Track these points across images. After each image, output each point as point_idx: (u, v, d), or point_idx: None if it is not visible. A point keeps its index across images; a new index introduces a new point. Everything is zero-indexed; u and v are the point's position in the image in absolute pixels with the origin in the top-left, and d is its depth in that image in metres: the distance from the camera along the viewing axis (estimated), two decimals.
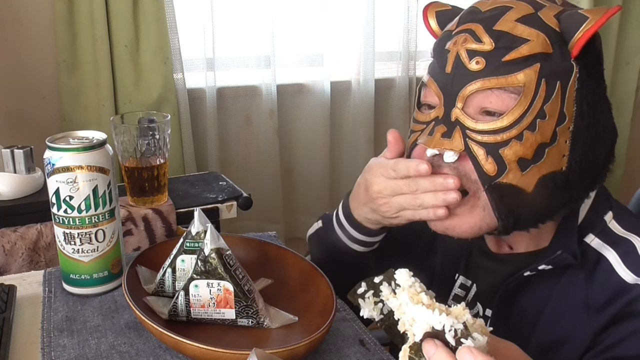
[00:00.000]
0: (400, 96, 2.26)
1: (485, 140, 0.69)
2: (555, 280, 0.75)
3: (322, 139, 2.18)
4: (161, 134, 1.15)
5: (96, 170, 0.77)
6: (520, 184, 0.69)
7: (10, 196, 1.28)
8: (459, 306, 0.51)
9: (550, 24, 0.69)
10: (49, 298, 0.83)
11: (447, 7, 0.80)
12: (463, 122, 0.70)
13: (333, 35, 2.12)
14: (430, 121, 0.74)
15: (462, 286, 0.87)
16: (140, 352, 0.71)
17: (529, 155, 0.69)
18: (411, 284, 0.55)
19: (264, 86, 2.06)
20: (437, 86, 0.73)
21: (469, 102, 0.70)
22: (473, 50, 0.69)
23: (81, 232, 0.79)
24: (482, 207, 0.71)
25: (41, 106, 1.84)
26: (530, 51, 0.68)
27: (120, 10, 1.75)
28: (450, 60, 0.71)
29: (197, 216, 0.77)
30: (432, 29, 0.79)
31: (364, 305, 0.57)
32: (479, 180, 0.70)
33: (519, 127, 0.68)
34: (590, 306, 0.72)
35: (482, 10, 0.72)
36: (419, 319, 0.51)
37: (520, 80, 0.68)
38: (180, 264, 0.77)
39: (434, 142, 0.71)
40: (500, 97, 0.69)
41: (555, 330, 0.74)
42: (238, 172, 2.10)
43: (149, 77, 1.83)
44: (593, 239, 0.75)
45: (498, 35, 0.69)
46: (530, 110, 0.68)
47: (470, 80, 0.69)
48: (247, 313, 0.72)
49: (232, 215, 1.42)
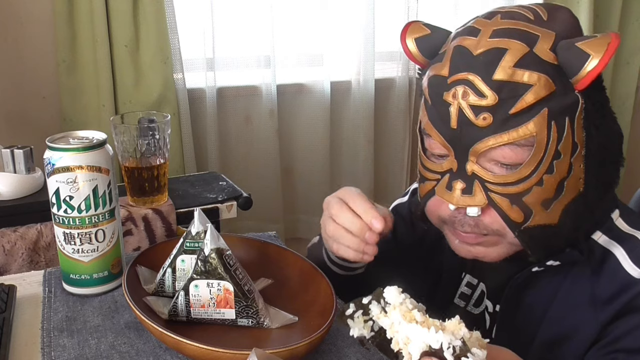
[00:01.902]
0: (400, 96, 2.26)
1: (507, 191, 0.69)
2: (562, 276, 0.76)
3: (322, 139, 2.18)
4: (161, 134, 1.15)
5: (96, 170, 0.77)
6: (546, 221, 0.70)
7: (10, 196, 1.28)
8: (454, 320, 0.51)
9: (548, 60, 0.66)
10: (49, 298, 0.83)
11: (427, 32, 0.76)
12: (481, 176, 0.69)
13: (333, 35, 2.12)
14: (443, 172, 0.73)
15: (468, 284, 0.87)
16: (140, 352, 0.71)
17: (551, 195, 0.69)
18: (402, 301, 0.54)
19: (264, 86, 2.06)
20: (443, 139, 0.71)
21: (482, 156, 0.69)
22: (477, 105, 0.67)
23: (81, 232, 0.79)
24: (508, 242, 0.73)
25: (41, 106, 1.84)
26: (535, 98, 0.66)
27: (120, 10, 1.75)
28: (453, 115, 0.68)
29: (197, 216, 0.77)
30: (412, 53, 0.77)
31: (353, 325, 0.56)
32: (505, 229, 0.71)
33: (537, 174, 0.68)
34: (596, 300, 0.72)
35: (473, 54, 0.68)
36: (415, 338, 0.50)
37: (532, 130, 0.66)
38: (180, 264, 0.77)
39: (455, 199, 0.70)
40: (514, 151, 0.68)
41: (562, 324, 0.75)
42: (238, 172, 2.10)
43: (149, 77, 1.83)
44: (600, 236, 0.75)
45: (499, 86, 0.66)
46: (545, 156, 0.67)
47: (481, 137, 0.68)
48: (247, 313, 0.72)
49: (232, 215, 1.42)
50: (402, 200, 1.01)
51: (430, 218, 0.79)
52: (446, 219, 0.75)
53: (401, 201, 1.01)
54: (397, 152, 2.32)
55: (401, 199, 1.02)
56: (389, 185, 2.36)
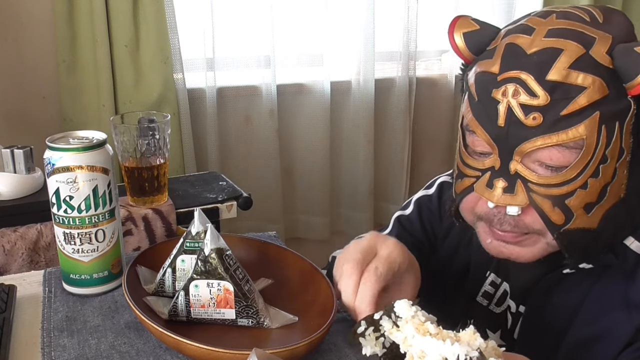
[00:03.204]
0: (400, 96, 2.26)
1: (550, 193, 0.68)
2: (594, 279, 0.75)
3: (322, 139, 2.18)
4: (161, 134, 1.15)
5: (96, 170, 0.77)
6: (586, 225, 0.69)
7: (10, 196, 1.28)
8: (469, 331, 0.50)
9: (603, 63, 0.66)
10: (49, 298, 0.83)
11: (476, 27, 0.75)
12: (524, 176, 0.69)
13: (333, 35, 2.12)
14: (485, 169, 0.72)
15: (492, 283, 0.87)
16: (140, 352, 0.71)
17: (594, 199, 0.68)
18: (413, 314, 0.53)
19: (264, 86, 2.06)
20: (489, 137, 0.70)
21: (527, 156, 0.68)
22: (528, 105, 0.66)
23: (81, 232, 0.79)
24: (546, 242, 0.72)
25: (41, 106, 1.84)
26: (588, 101, 0.65)
27: (120, 10, 1.75)
28: (502, 112, 0.68)
29: (197, 216, 0.77)
30: (459, 48, 0.75)
31: (365, 343, 0.55)
32: (546, 229, 0.70)
33: (583, 177, 0.67)
34: (631, 303, 0.72)
35: (527, 53, 0.67)
36: (430, 351, 0.49)
37: (582, 133, 0.65)
38: (180, 264, 0.77)
39: (496, 198, 0.70)
40: (562, 153, 0.67)
41: (595, 326, 0.74)
42: (238, 172, 2.10)
43: (149, 77, 1.83)
44: (633, 241, 0.75)
45: (552, 87, 0.65)
46: (593, 159, 0.67)
47: (529, 137, 0.67)
48: (247, 313, 0.72)
49: (232, 215, 1.42)
50: (428, 192, 1.00)
51: (465, 215, 0.78)
52: (483, 215, 0.74)
53: (427, 193, 1.00)
54: (397, 152, 2.32)
55: (426, 190, 1.01)
56: (389, 185, 2.36)
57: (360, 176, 2.25)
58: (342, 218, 2.32)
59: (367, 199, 2.28)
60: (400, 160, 2.33)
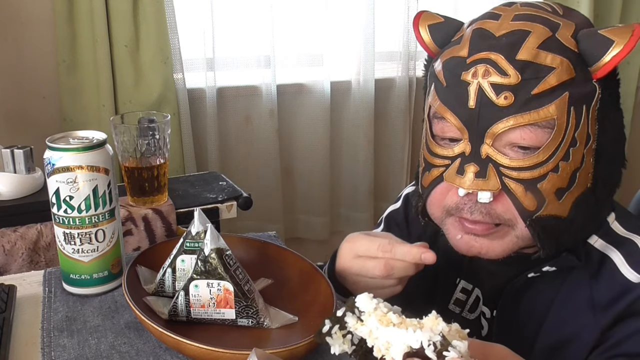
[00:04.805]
0: (400, 96, 2.26)
1: (522, 177, 0.68)
2: (560, 282, 0.75)
3: (322, 139, 2.18)
4: (161, 134, 1.15)
5: (96, 170, 0.77)
6: (558, 212, 0.69)
7: (10, 196, 1.28)
8: (431, 316, 0.50)
9: (569, 46, 0.67)
10: (49, 298, 0.83)
11: (440, 20, 0.76)
12: (496, 160, 0.68)
13: (333, 35, 2.12)
14: (454, 156, 0.71)
15: (463, 290, 0.86)
16: (140, 352, 0.71)
17: (565, 184, 0.68)
18: (375, 306, 0.52)
19: (264, 86, 2.06)
20: (459, 121, 0.69)
21: (499, 139, 0.68)
22: (499, 84, 0.66)
23: (81, 232, 0.79)
24: (515, 235, 0.71)
25: (41, 106, 1.84)
26: (558, 80, 0.66)
27: (120, 10, 1.75)
28: (472, 94, 0.67)
29: (197, 216, 0.77)
30: (424, 41, 0.76)
31: (332, 342, 0.54)
32: (518, 216, 0.69)
33: (554, 159, 0.67)
34: (596, 305, 0.72)
35: (495, 35, 0.68)
36: (394, 341, 0.49)
37: (553, 113, 0.66)
38: (180, 264, 0.77)
39: (467, 183, 0.68)
40: (534, 132, 0.67)
41: (562, 330, 0.74)
42: (238, 172, 2.10)
43: (149, 77, 1.83)
44: (597, 240, 0.75)
45: (523, 66, 0.65)
46: (564, 141, 0.67)
47: (500, 117, 0.66)
48: (247, 313, 0.72)
49: (232, 215, 1.42)
50: (396, 207, 1.00)
51: (433, 211, 0.77)
52: (452, 207, 0.73)
53: (394, 207, 1.00)
54: (397, 152, 2.32)
55: (394, 205, 1.00)
56: (389, 185, 2.36)
57: (360, 176, 2.25)
58: (342, 218, 2.32)
59: (367, 199, 2.28)
60: (400, 160, 2.33)
